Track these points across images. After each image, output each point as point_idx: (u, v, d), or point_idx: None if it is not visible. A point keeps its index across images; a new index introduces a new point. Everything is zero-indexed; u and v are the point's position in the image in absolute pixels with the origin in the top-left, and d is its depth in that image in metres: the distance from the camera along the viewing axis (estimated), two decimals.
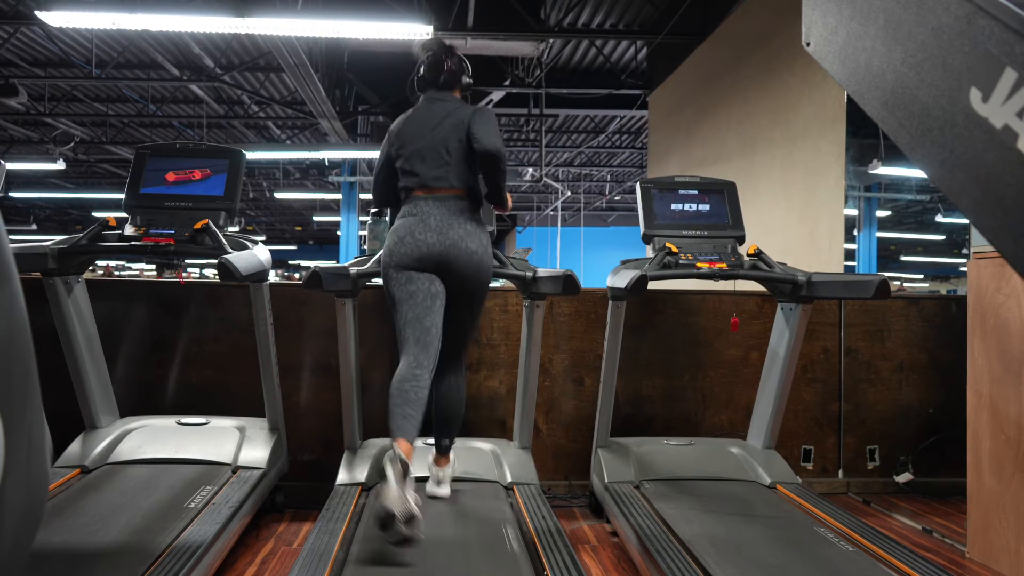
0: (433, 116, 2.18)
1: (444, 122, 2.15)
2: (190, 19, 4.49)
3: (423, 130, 2.17)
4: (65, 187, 15.59)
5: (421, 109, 2.22)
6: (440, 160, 2.13)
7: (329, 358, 2.85)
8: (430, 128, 2.16)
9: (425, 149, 2.14)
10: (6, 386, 0.52)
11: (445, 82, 2.24)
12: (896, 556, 1.89)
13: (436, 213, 2.08)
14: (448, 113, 2.17)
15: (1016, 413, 2.16)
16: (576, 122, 11.15)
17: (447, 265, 2.07)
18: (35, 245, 2.27)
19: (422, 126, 2.17)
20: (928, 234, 11.76)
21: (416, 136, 2.16)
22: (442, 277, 2.10)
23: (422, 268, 2.08)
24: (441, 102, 2.21)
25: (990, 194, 0.65)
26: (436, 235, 2.06)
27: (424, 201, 2.11)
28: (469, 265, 2.08)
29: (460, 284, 2.11)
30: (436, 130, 2.15)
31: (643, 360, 3.01)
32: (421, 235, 2.06)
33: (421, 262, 2.07)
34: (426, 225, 2.07)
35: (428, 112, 2.20)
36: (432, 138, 2.14)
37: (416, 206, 2.11)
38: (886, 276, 2.19)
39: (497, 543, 1.91)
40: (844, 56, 0.89)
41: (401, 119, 2.25)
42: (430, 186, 2.13)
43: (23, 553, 0.56)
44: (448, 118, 2.16)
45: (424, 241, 2.06)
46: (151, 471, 2.33)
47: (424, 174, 2.13)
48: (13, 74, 8.61)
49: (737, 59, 5.24)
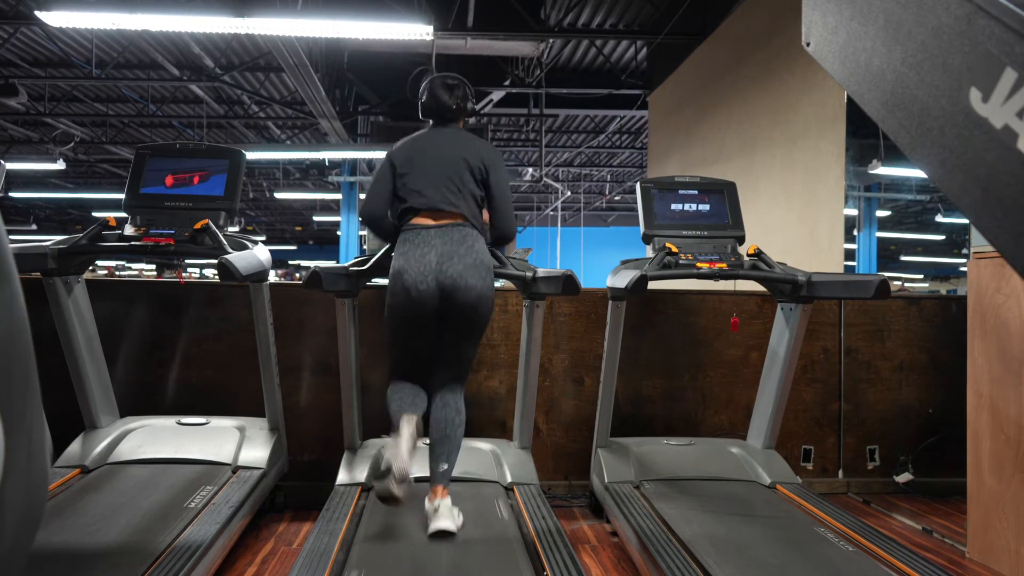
0: (444, 143, 2.18)
1: (455, 152, 2.15)
2: (190, 19, 4.48)
3: (433, 155, 2.15)
4: (65, 187, 15.59)
5: (429, 136, 2.21)
6: (451, 187, 2.11)
7: (329, 358, 2.85)
8: (440, 155, 2.15)
9: (435, 175, 2.12)
10: (6, 386, 0.52)
11: (453, 117, 2.25)
12: (896, 556, 1.89)
13: (438, 245, 2.04)
14: (458, 142, 2.18)
15: (1016, 413, 2.16)
16: (576, 122, 11.15)
17: (446, 301, 2.03)
18: (35, 245, 2.27)
19: (432, 152, 2.16)
20: (928, 234, 11.78)
21: (426, 160, 2.14)
22: (442, 309, 2.06)
23: (421, 301, 2.03)
24: (449, 132, 2.22)
25: (990, 194, 0.65)
26: (435, 275, 2.01)
27: (426, 232, 2.07)
28: (467, 301, 2.03)
29: (458, 319, 2.07)
30: (447, 159, 2.14)
31: (643, 360, 3.01)
32: (421, 271, 2.02)
33: (420, 297, 2.02)
34: (426, 262, 2.02)
35: (437, 139, 2.19)
36: (443, 165, 2.13)
37: (417, 235, 2.07)
38: (886, 276, 2.19)
39: (497, 543, 1.91)
40: (844, 56, 0.89)
41: (407, 142, 2.22)
42: (437, 209, 2.09)
43: (23, 553, 0.56)
44: (459, 148, 2.16)
45: (423, 279, 2.01)
46: (151, 471, 2.33)
47: (432, 197, 2.10)
48: (13, 74, 8.60)
49: (737, 59, 5.24)
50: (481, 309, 2.07)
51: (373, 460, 1.80)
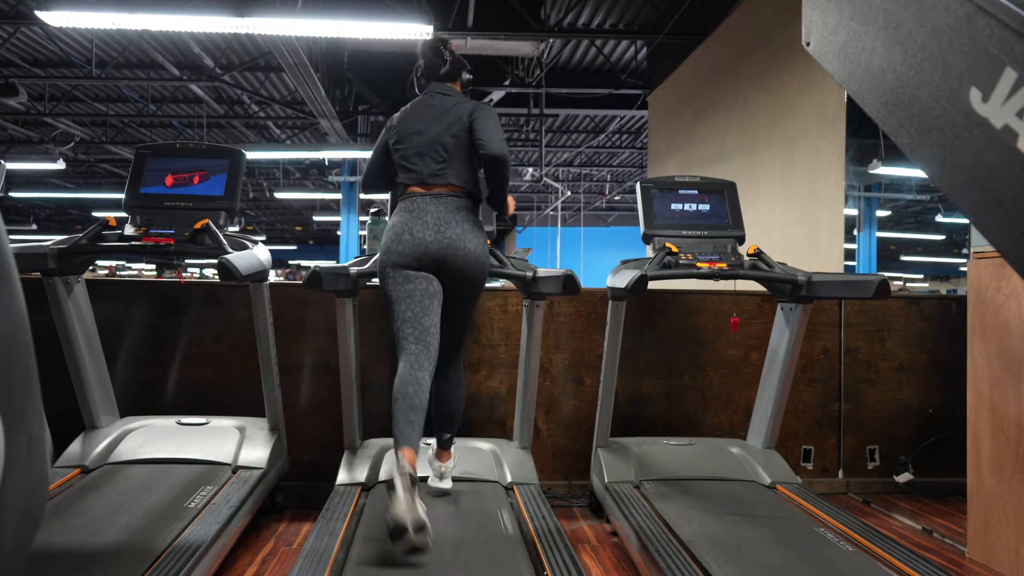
0: (433, 111, 2.17)
1: (444, 117, 2.14)
2: (190, 19, 4.49)
3: (422, 125, 2.16)
4: (65, 187, 15.59)
5: (421, 103, 2.21)
6: (439, 157, 2.12)
7: (329, 358, 2.85)
8: (429, 123, 2.15)
9: (423, 145, 2.13)
10: (6, 386, 0.52)
11: (446, 74, 2.24)
12: (896, 556, 1.89)
13: (433, 211, 2.07)
14: (448, 108, 2.16)
15: (1016, 413, 2.16)
16: (576, 122, 11.15)
17: (445, 263, 2.06)
18: (35, 245, 2.26)
19: (422, 120, 2.16)
20: (928, 234, 11.77)
21: (415, 131, 2.15)
22: (439, 275, 2.09)
23: (419, 267, 2.06)
24: (441, 96, 2.20)
25: (990, 194, 0.65)
26: (434, 233, 2.05)
27: (421, 199, 2.10)
28: (467, 264, 2.07)
29: (458, 282, 2.10)
30: (435, 125, 2.14)
31: (643, 360, 3.01)
32: (419, 233, 2.05)
33: (419, 260, 2.05)
34: (423, 223, 2.06)
35: (428, 107, 2.19)
36: (431, 134, 2.13)
37: (413, 203, 2.10)
38: (886, 276, 2.19)
39: (497, 543, 1.91)
40: (844, 56, 0.89)
41: (401, 112, 2.24)
42: (428, 183, 2.12)
43: (23, 553, 0.56)
44: (448, 113, 2.15)
45: (422, 240, 2.04)
46: (151, 471, 2.33)
47: (422, 170, 2.12)
48: (13, 74, 8.60)
49: (737, 59, 5.24)
50: (478, 274, 2.10)
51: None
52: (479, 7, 6.12)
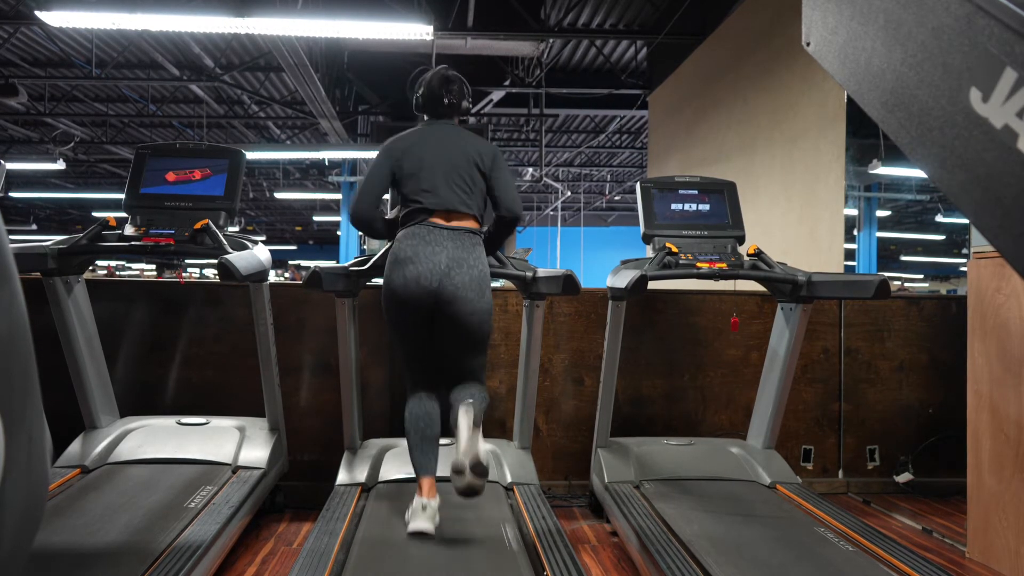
0: (450, 141, 2.12)
1: (459, 149, 2.10)
2: (190, 19, 4.48)
3: (442, 154, 2.09)
4: (65, 187, 15.59)
5: (430, 133, 2.15)
6: (464, 187, 2.07)
7: (329, 358, 2.85)
8: (449, 153, 2.09)
9: (448, 174, 2.07)
10: (6, 386, 0.52)
11: (447, 113, 2.20)
12: (896, 556, 1.89)
13: (450, 247, 1.99)
14: (463, 139, 2.13)
15: (1016, 413, 2.16)
16: (576, 122, 11.15)
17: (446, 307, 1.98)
18: (35, 245, 2.26)
19: (440, 150, 2.10)
20: (928, 234, 11.78)
21: (436, 159, 2.08)
22: (438, 313, 2.01)
23: (421, 303, 1.98)
24: (449, 128, 2.17)
25: (990, 194, 0.65)
26: (442, 276, 1.96)
27: (439, 231, 2.01)
28: (464, 314, 1.98)
29: (454, 328, 2.02)
30: (456, 157, 2.09)
31: (643, 360, 3.01)
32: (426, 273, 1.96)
33: (421, 299, 1.98)
34: (433, 264, 1.97)
35: (442, 136, 2.13)
36: (454, 164, 2.08)
37: (431, 233, 2.01)
38: (886, 276, 2.19)
39: (497, 543, 1.91)
40: (844, 56, 0.89)
41: (406, 139, 2.14)
42: (452, 210, 2.05)
43: (23, 553, 0.56)
44: (461, 146, 2.11)
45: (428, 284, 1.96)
46: (151, 471, 2.33)
47: (447, 197, 2.04)
48: (13, 74, 8.60)
49: (737, 59, 5.24)
50: (477, 322, 2.02)
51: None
52: (479, 7, 6.11)
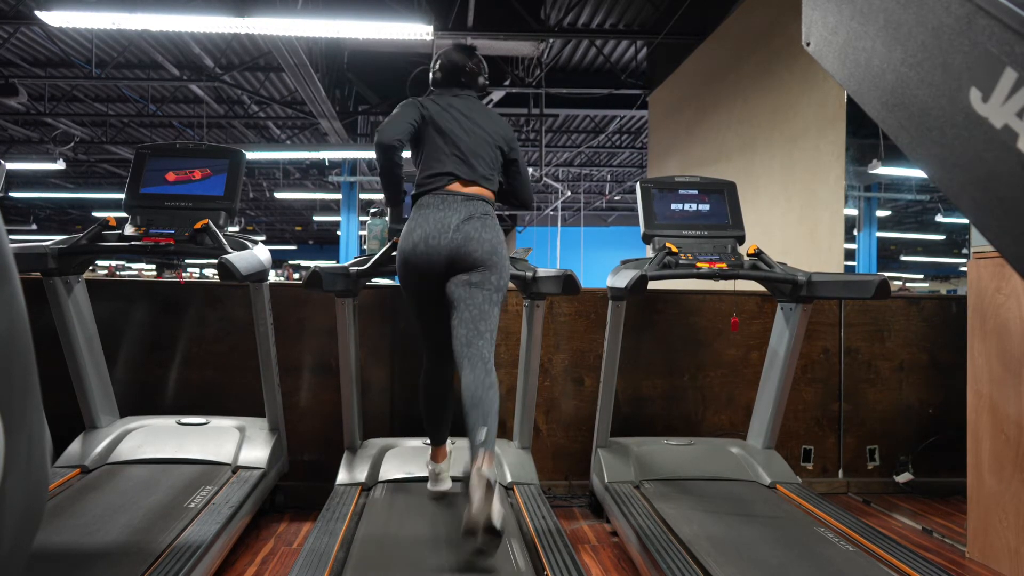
0: (474, 114, 2.15)
1: (485, 127, 2.14)
2: (190, 19, 4.49)
3: (473, 125, 2.13)
4: (65, 187, 15.58)
5: (454, 103, 2.16)
6: (491, 161, 2.13)
7: (329, 358, 2.85)
8: (472, 126, 2.13)
9: (472, 146, 2.10)
10: (6, 386, 0.52)
11: (467, 83, 2.23)
12: (896, 556, 1.89)
13: (463, 210, 2.02)
14: (486, 117, 2.17)
15: (1016, 413, 2.16)
16: (576, 122, 11.15)
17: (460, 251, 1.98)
18: (35, 245, 2.26)
19: (470, 121, 2.13)
20: (928, 234, 11.77)
21: (458, 128, 2.11)
22: (455, 262, 1.99)
23: (431, 265, 2.00)
24: (475, 103, 2.21)
25: (990, 194, 0.65)
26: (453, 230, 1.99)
27: (454, 197, 2.04)
28: (481, 251, 1.99)
29: (472, 267, 1.99)
30: (479, 131, 2.13)
31: (643, 360, 3.01)
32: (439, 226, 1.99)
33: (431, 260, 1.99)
34: (446, 221, 1.99)
35: (465, 108, 2.15)
36: (483, 139, 2.13)
37: (445, 200, 2.03)
38: (886, 276, 2.19)
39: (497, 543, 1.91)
40: (844, 56, 0.89)
41: (432, 99, 2.16)
42: (476, 183, 2.08)
43: (23, 553, 0.56)
44: (487, 123, 2.16)
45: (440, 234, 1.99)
46: (151, 471, 2.33)
47: (477, 168, 2.08)
48: (13, 74, 8.60)
49: (737, 59, 5.24)
50: (495, 259, 2.00)
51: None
52: (479, 7, 6.11)
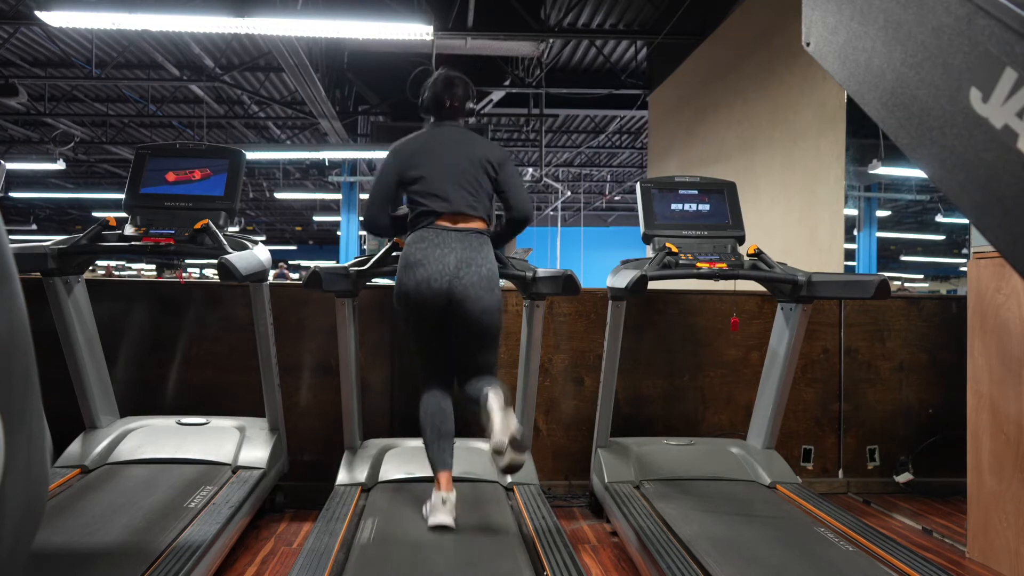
0: (455, 144, 2.15)
1: (466, 152, 2.13)
2: (190, 19, 4.48)
3: (448, 157, 2.11)
4: (65, 187, 15.59)
5: (435, 136, 2.18)
6: (472, 190, 2.10)
7: (329, 358, 2.85)
8: (455, 157, 2.12)
9: (456, 177, 2.09)
10: (6, 386, 0.52)
11: (452, 115, 2.22)
12: (896, 556, 1.89)
13: (458, 248, 2.02)
14: (469, 142, 2.16)
15: (1016, 413, 2.16)
16: (576, 122, 11.15)
17: (457, 307, 2.02)
18: (35, 245, 2.27)
19: (446, 153, 2.12)
20: (928, 234, 11.77)
21: (442, 163, 2.10)
22: (451, 314, 2.05)
23: (433, 305, 2.02)
24: (455, 131, 2.19)
25: (990, 194, 0.65)
26: (450, 279, 1.99)
27: (447, 233, 2.05)
28: (475, 312, 2.01)
29: (468, 327, 2.05)
30: (463, 160, 2.12)
31: (643, 360, 3.01)
32: (436, 275, 1.99)
33: (432, 300, 2.01)
34: (443, 265, 1.99)
35: (447, 139, 2.16)
36: (461, 168, 2.10)
37: (439, 236, 2.04)
38: (886, 276, 2.19)
39: (497, 543, 1.91)
40: (844, 56, 0.89)
41: (411, 143, 2.17)
42: (462, 213, 2.07)
43: (23, 553, 0.56)
44: (469, 149, 2.14)
45: (439, 285, 1.99)
46: (151, 471, 2.33)
47: (456, 201, 2.07)
48: (13, 74, 8.60)
49: (737, 59, 5.24)
50: (488, 320, 2.05)
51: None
52: (479, 7, 6.11)
